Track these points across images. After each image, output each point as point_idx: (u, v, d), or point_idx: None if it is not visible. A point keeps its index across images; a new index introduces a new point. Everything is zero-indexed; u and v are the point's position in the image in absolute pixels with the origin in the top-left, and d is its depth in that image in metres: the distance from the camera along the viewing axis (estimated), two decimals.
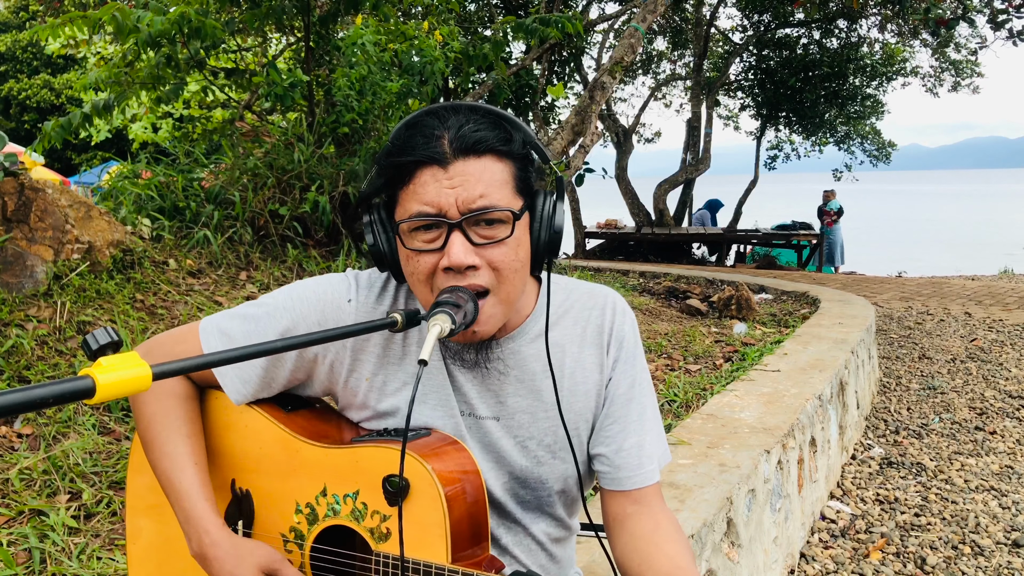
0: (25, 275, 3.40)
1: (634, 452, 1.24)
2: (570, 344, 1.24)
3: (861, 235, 22.84)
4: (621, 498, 1.25)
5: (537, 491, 1.26)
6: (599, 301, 1.27)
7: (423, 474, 1.08)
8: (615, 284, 7.88)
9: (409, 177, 1.07)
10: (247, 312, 1.23)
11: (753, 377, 3.91)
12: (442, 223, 1.06)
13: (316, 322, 1.19)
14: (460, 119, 1.08)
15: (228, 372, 1.22)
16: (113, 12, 4.49)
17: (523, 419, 1.22)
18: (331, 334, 0.94)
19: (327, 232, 4.98)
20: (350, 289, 1.22)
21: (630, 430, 1.24)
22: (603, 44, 17.04)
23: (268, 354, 0.89)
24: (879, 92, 17.96)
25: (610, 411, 1.25)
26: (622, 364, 1.25)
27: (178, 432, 1.20)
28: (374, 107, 5.21)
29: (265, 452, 1.22)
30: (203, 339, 1.21)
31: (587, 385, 1.24)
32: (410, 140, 1.08)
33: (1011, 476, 4.06)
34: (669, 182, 17.57)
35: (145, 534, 1.30)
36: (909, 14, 10.44)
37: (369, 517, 1.14)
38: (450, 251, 1.05)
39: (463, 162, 1.06)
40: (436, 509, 1.08)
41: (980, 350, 6.58)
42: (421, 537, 1.09)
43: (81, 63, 11.99)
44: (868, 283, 11.03)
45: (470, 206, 1.05)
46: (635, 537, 1.21)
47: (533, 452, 1.23)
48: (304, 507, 1.19)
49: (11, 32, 23.51)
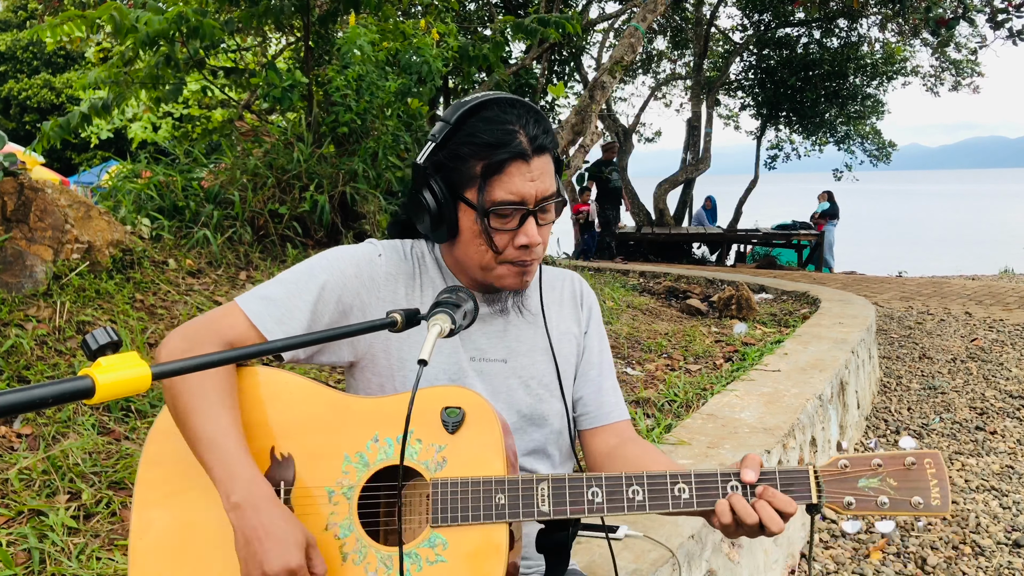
0: (25, 275, 3.40)
1: (611, 392, 1.50)
2: (552, 304, 1.50)
3: (861, 235, 22.90)
4: (603, 433, 1.47)
5: (541, 428, 1.43)
6: (569, 276, 1.56)
7: (478, 401, 1.22)
8: (615, 284, 7.87)
9: (500, 169, 1.26)
10: (283, 277, 1.34)
11: (753, 377, 3.91)
12: (522, 208, 1.28)
13: (352, 275, 1.34)
14: (525, 116, 1.29)
15: (275, 330, 1.28)
16: (111, 12, 4.49)
17: (525, 360, 1.42)
18: (333, 333, 1.04)
19: (327, 232, 4.98)
20: (378, 247, 1.40)
21: (606, 374, 1.51)
22: (603, 44, 17.05)
23: (271, 353, 0.94)
24: (879, 92, 17.96)
25: (589, 358, 1.50)
26: (593, 323, 1.53)
27: (221, 404, 1.21)
28: (372, 107, 5.21)
29: (308, 412, 1.26)
30: (246, 309, 1.28)
31: (569, 335, 1.49)
32: (498, 135, 1.26)
33: (1012, 476, 4.06)
34: (669, 182, 17.57)
35: (157, 526, 1.28)
36: (909, 13, 10.44)
37: (425, 450, 1.21)
38: (529, 232, 1.29)
39: (538, 159, 1.28)
40: (495, 431, 1.21)
41: (980, 350, 6.58)
42: (481, 456, 1.20)
43: (81, 61, 11.98)
44: (868, 283, 11.03)
45: (543, 195, 1.29)
46: (628, 461, 1.39)
47: (535, 391, 1.42)
48: (354, 456, 1.23)
49: (11, 31, 23.49)
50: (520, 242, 1.30)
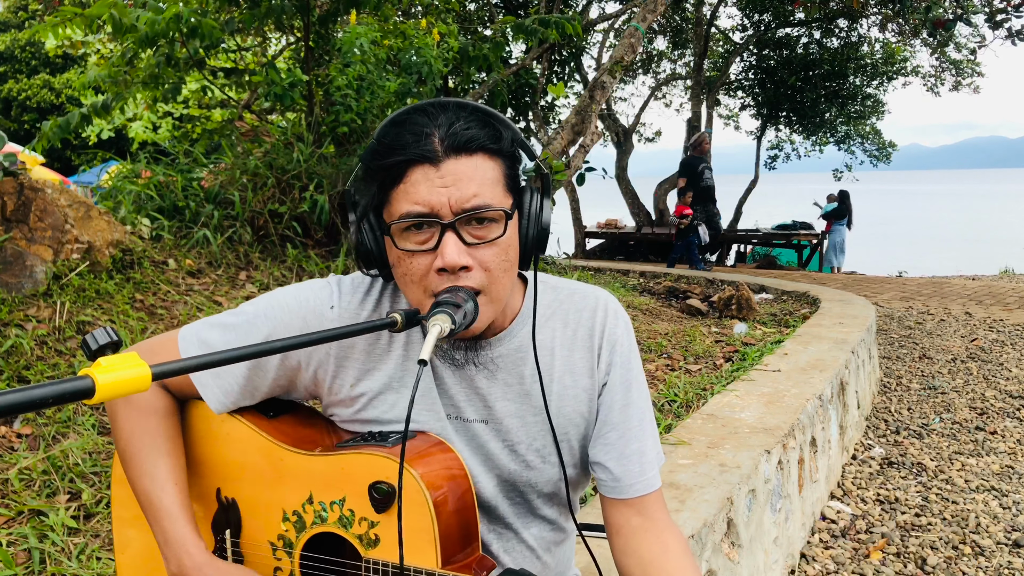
0: (24, 275, 3.40)
1: (636, 459, 1.21)
2: (559, 347, 1.20)
3: (861, 235, 22.81)
4: (623, 507, 1.21)
5: (527, 495, 1.23)
6: (590, 303, 1.22)
7: (409, 480, 1.07)
8: (615, 284, 7.88)
9: (400, 176, 1.04)
10: (226, 321, 1.19)
11: (753, 377, 3.91)
12: (435, 223, 1.03)
13: (298, 329, 1.15)
14: (450, 116, 1.05)
15: (209, 383, 1.18)
16: (111, 10, 4.49)
17: (512, 423, 1.19)
18: (328, 335, 0.92)
19: (326, 232, 4.98)
20: (332, 295, 1.19)
21: (630, 436, 1.21)
22: (603, 44, 17.04)
23: (258, 356, 0.87)
24: (879, 92, 17.95)
25: (608, 418, 1.21)
26: (617, 368, 1.21)
27: (158, 451, 1.17)
28: (372, 107, 5.21)
29: (249, 461, 1.20)
30: (182, 348, 1.17)
31: (577, 389, 1.20)
32: (399, 138, 1.04)
33: (1012, 476, 4.05)
34: (669, 182, 17.55)
35: (134, 544, 1.29)
36: (909, 14, 10.44)
37: (357, 524, 1.12)
38: (444, 252, 1.03)
39: (455, 161, 1.03)
40: (424, 515, 1.07)
41: (981, 350, 6.58)
42: (411, 543, 1.09)
43: (81, 62, 11.98)
44: (868, 283, 11.02)
45: (463, 206, 1.03)
46: (644, 562, 1.18)
47: (522, 456, 1.20)
48: (291, 515, 1.18)
49: (10, 32, 23.48)
50: (436, 265, 1.04)
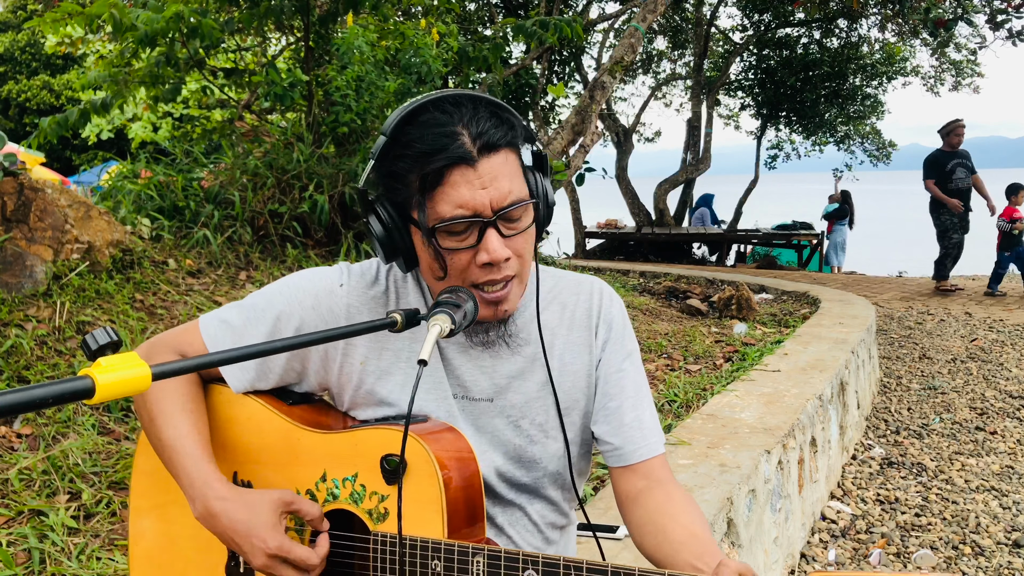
0: (24, 275, 3.40)
1: (635, 425, 1.27)
2: (559, 327, 1.29)
3: (861, 235, 22.83)
4: (629, 474, 1.27)
5: (532, 471, 1.28)
6: (586, 288, 1.32)
7: (420, 453, 1.11)
8: (615, 284, 7.87)
9: (439, 180, 1.08)
10: (244, 303, 1.27)
11: (753, 377, 3.91)
12: (477, 222, 1.10)
13: (310, 306, 1.23)
14: (468, 112, 1.10)
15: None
16: (111, 9, 4.49)
17: (516, 399, 1.26)
18: (330, 334, 0.98)
19: (326, 232, 4.98)
20: (342, 275, 1.26)
21: (627, 405, 1.28)
22: (603, 43, 17.04)
23: (268, 354, 0.91)
24: (879, 92, 17.95)
25: (606, 389, 1.29)
26: (612, 344, 1.30)
27: (183, 408, 1.21)
28: (372, 107, 5.21)
29: (266, 442, 1.24)
30: (203, 331, 1.25)
31: (576, 366, 1.29)
32: (427, 140, 1.08)
33: (1012, 476, 4.06)
34: (669, 182, 17.55)
35: (149, 535, 1.30)
36: (909, 14, 10.44)
37: (367, 498, 1.16)
38: (489, 248, 1.10)
39: (488, 160, 1.09)
40: (433, 485, 1.10)
41: (980, 350, 6.58)
42: (419, 514, 1.11)
43: (80, 62, 11.98)
44: (868, 283, 11.02)
45: (502, 203, 1.10)
46: (648, 511, 1.21)
47: (526, 431, 1.26)
48: (304, 494, 1.20)
49: (10, 32, 23.48)
50: (481, 260, 1.11)
